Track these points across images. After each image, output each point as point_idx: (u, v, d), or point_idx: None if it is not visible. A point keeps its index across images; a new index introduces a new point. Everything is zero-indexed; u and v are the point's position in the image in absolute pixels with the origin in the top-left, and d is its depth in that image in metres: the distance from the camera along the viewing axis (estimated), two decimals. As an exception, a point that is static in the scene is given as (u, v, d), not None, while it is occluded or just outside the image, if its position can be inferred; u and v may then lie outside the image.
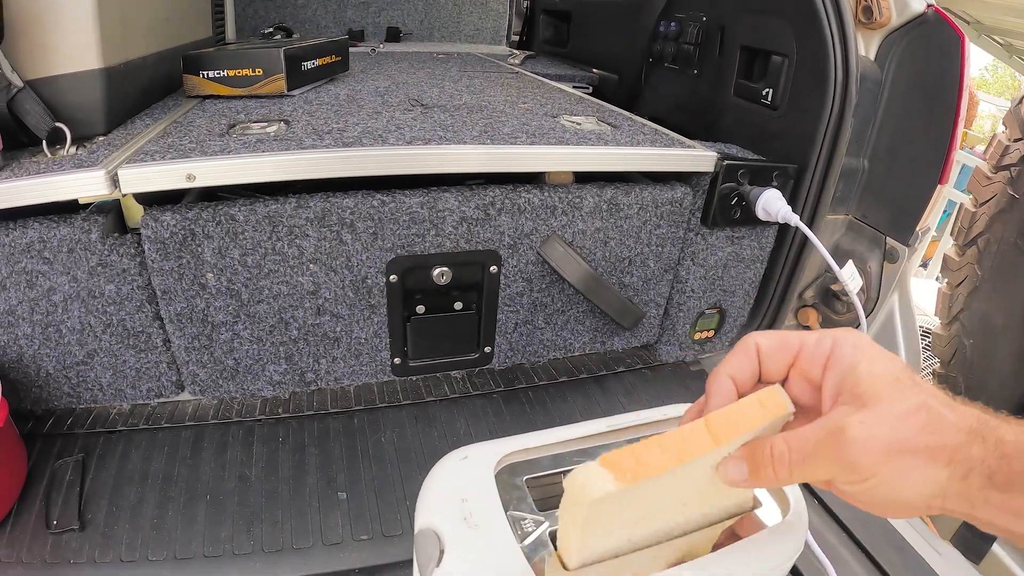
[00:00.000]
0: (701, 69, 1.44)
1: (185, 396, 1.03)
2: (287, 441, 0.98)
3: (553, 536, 0.50)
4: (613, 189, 1.02)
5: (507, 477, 0.57)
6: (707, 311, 1.20)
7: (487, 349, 1.12)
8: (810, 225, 1.14)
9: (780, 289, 1.22)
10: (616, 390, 1.15)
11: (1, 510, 0.83)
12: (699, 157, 1.03)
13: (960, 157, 4.94)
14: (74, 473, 0.89)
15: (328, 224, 0.90)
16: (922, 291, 1.97)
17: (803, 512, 0.52)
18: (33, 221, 0.84)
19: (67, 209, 0.87)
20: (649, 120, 1.51)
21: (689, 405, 0.49)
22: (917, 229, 1.13)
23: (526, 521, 0.51)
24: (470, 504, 0.51)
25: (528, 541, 0.49)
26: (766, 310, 1.25)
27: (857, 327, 1.24)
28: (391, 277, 0.97)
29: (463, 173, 0.96)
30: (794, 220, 1.01)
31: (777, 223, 1.09)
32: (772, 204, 1.03)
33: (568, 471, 0.44)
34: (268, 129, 0.96)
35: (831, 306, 1.25)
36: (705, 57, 1.42)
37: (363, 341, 1.02)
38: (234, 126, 0.98)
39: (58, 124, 0.87)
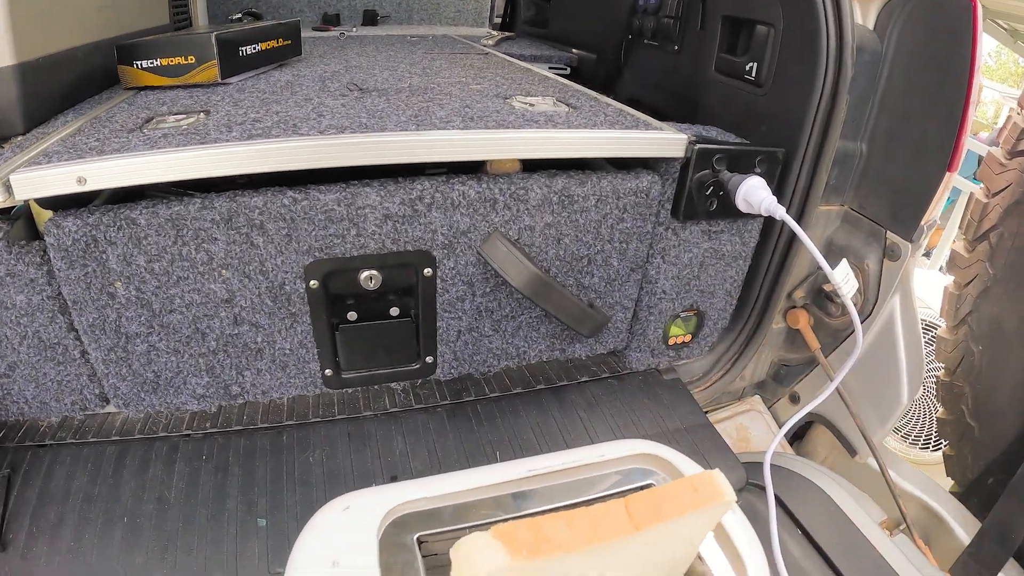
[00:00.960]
0: (682, 44, 1.29)
1: (111, 408, 0.93)
2: (211, 459, 0.89)
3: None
4: (565, 178, 0.89)
5: (395, 534, 0.48)
6: (682, 314, 1.06)
7: (428, 359, 1.00)
8: (799, 218, 1.00)
9: (766, 289, 1.08)
10: (576, 403, 1.02)
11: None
12: (667, 141, 0.89)
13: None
14: (-1, 490, 0.80)
15: (236, 226, 0.79)
16: (925, 284, 1.81)
17: (764, 570, 0.42)
18: None
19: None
20: (627, 103, 1.38)
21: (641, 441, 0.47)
22: (922, 223, 0.98)
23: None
24: (342, 572, 0.43)
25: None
26: (750, 312, 1.11)
27: (851, 333, 1.10)
28: (311, 282, 0.86)
29: (399, 164, 0.83)
30: (779, 212, 0.86)
31: (761, 216, 0.94)
32: (754, 194, 0.89)
33: (466, 530, 0.41)
34: (183, 122, 0.85)
35: (824, 308, 1.11)
36: (686, 31, 1.27)
37: (288, 352, 0.92)
38: (151, 120, 0.88)
39: (-33, 126, 0.77)
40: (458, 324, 0.97)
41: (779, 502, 0.91)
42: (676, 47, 1.31)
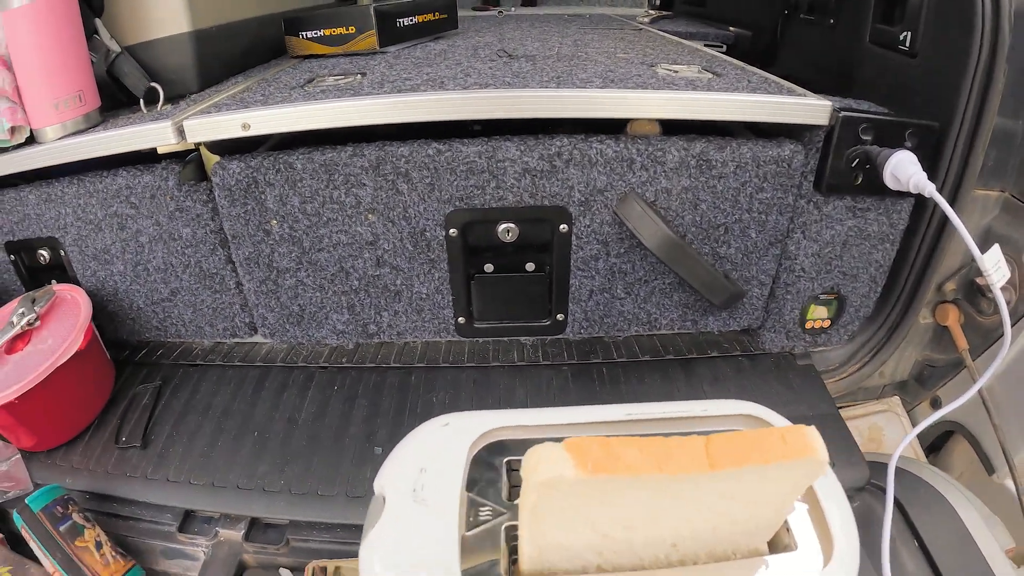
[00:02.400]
0: (838, 18, 1.20)
1: (258, 338, 1.03)
2: (342, 390, 0.96)
3: (508, 532, 0.40)
4: (704, 143, 0.86)
5: (487, 454, 0.49)
6: (821, 296, 0.98)
7: (560, 317, 1.00)
8: (952, 200, 0.89)
9: (913, 277, 0.98)
10: (703, 376, 0.98)
11: (83, 423, 0.89)
12: (810, 107, 0.83)
13: None
14: (150, 398, 0.93)
15: (383, 173, 0.84)
16: None
17: (853, 558, 0.38)
18: (122, 170, 0.89)
19: (156, 159, 0.92)
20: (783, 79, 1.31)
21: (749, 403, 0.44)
22: None
23: (485, 508, 0.41)
24: (426, 476, 0.44)
25: (476, 531, 0.39)
26: (895, 302, 1.01)
27: (1000, 337, 0.96)
28: (451, 231, 0.89)
29: (539, 121, 0.85)
30: (928, 189, 0.78)
31: (912, 195, 0.85)
32: (903, 169, 0.81)
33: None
34: (341, 81, 0.93)
35: (976, 304, 0.98)
36: (842, 2, 1.17)
37: (424, 297, 0.96)
38: (312, 80, 0.96)
39: (153, 84, 0.91)
40: (591, 283, 0.96)
41: (899, 508, 0.83)
42: (832, 20, 1.22)
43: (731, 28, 1.65)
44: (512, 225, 0.90)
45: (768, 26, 1.47)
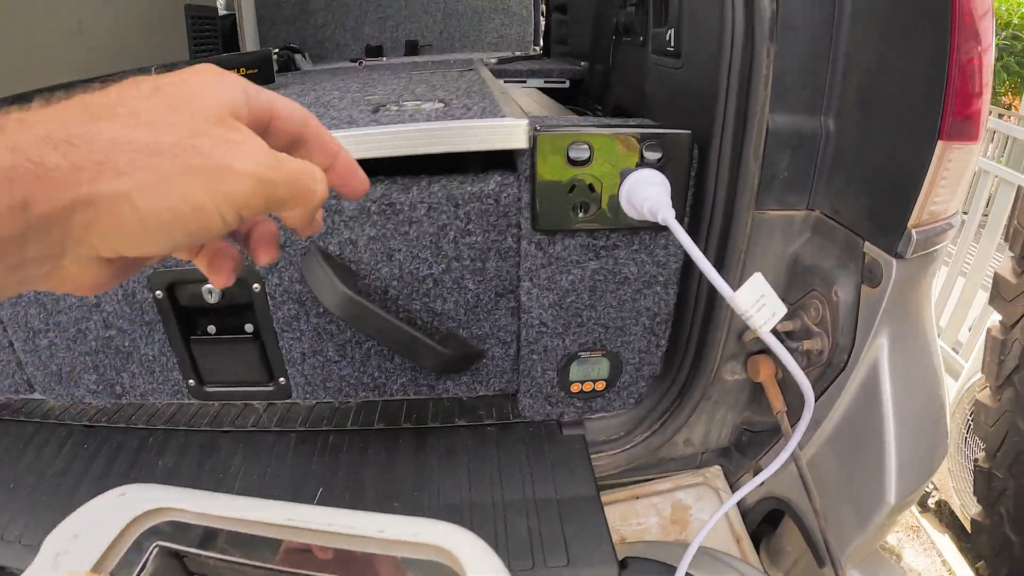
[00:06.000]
0: (645, 34, 1.02)
1: (37, 395, 0.95)
2: (89, 449, 0.86)
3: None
4: (385, 185, 0.68)
5: (141, 534, 0.50)
6: (581, 354, 0.78)
7: (281, 380, 0.86)
8: (727, 223, 0.69)
9: (698, 327, 0.77)
10: (433, 449, 0.79)
11: None
12: (502, 129, 0.65)
13: (1008, 129, 3.37)
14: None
15: None
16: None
17: None
18: None
19: None
20: (614, 110, 1.15)
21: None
22: (909, 226, 0.62)
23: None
24: (75, 544, 0.47)
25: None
26: (681, 357, 0.80)
27: (825, 390, 0.73)
28: (156, 292, 0.79)
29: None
30: (662, 214, 0.59)
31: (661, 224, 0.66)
32: (638, 192, 0.62)
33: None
34: None
35: (787, 347, 0.76)
36: (648, 18, 0.99)
37: (152, 358, 0.87)
38: None
39: None
40: (300, 346, 0.81)
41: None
42: (642, 38, 1.04)
43: (582, 63, 1.48)
44: (211, 285, 0.76)
45: (601, 56, 1.30)
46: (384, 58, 2.06)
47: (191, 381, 0.87)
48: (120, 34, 1.30)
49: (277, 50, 1.93)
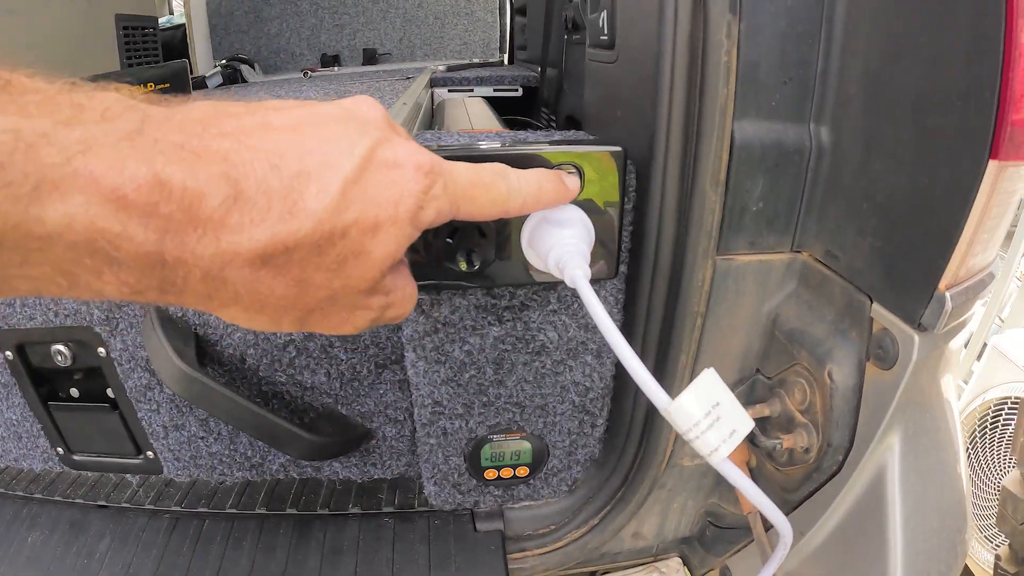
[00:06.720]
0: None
1: None
2: None
3: None
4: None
5: None
6: (493, 437, 0.60)
7: (149, 454, 0.70)
8: (677, 272, 0.51)
9: (642, 402, 0.58)
10: (315, 543, 0.61)
11: None
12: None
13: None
14: None
15: None
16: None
17: None
18: None
19: None
20: (566, 121, 1.01)
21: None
22: (942, 287, 0.43)
23: None
24: None
25: None
26: (624, 438, 0.61)
27: (812, 492, 0.55)
28: (7, 353, 0.67)
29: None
30: (569, 269, 0.40)
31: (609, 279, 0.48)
32: (543, 237, 0.44)
33: None
34: None
35: (759, 444, 0.57)
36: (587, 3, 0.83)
37: (16, 423, 0.74)
38: None
39: None
40: (159, 418, 0.66)
41: None
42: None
43: (538, 69, 1.32)
44: (62, 348, 0.64)
45: (558, 58, 1.13)
46: (337, 68, 1.92)
47: (59, 449, 0.73)
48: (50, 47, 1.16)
49: (223, 62, 1.79)
